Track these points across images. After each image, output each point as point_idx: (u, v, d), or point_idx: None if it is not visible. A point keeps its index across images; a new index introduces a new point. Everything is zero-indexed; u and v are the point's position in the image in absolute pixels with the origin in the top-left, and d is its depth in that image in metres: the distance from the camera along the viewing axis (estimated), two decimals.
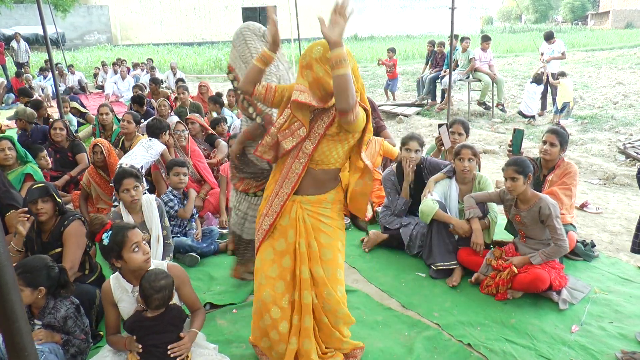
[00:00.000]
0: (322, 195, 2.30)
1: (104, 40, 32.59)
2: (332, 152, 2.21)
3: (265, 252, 2.36)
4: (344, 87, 1.92)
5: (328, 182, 2.31)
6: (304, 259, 2.26)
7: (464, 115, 9.46)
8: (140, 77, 13.99)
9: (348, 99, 1.93)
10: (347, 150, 2.26)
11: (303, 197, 2.29)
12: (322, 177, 2.28)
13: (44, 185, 3.04)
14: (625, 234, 4.21)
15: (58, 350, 2.37)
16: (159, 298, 2.30)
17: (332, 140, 2.18)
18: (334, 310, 2.32)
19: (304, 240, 2.27)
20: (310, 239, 2.27)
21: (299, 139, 2.18)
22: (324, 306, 2.31)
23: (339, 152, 2.22)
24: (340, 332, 2.40)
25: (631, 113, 9.03)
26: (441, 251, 3.50)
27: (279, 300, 2.30)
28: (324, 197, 2.31)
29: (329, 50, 1.93)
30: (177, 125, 4.86)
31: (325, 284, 2.27)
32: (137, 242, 2.37)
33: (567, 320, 2.93)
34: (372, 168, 4.69)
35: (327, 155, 2.21)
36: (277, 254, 2.33)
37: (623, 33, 29.44)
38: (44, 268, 2.39)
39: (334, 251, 2.30)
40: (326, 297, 2.29)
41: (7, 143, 4.17)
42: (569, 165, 3.61)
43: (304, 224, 2.27)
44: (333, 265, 2.29)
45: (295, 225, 2.28)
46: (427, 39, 13.13)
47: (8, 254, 1.09)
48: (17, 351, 1.12)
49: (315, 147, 2.19)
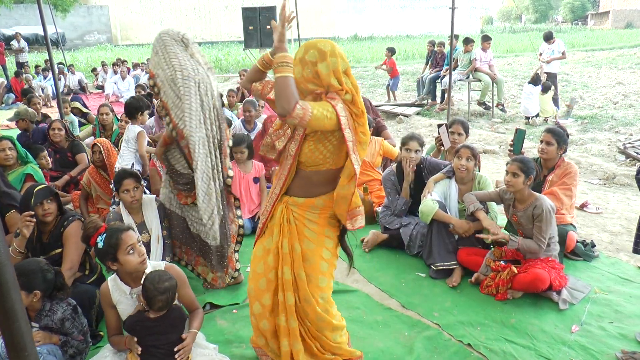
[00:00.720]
0: (311, 199, 2.25)
1: (104, 40, 32.61)
2: (315, 152, 2.17)
3: (257, 248, 2.42)
4: (279, 91, 1.96)
5: (320, 185, 2.25)
6: (285, 259, 2.27)
7: (464, 115, 9.46)
8: (141, 77, 14.00)
9: (282, 103, 1.93)
10: (333, 151, 2.18)
11: (291, 199, 2.28)
12: (314, 179, 2.24)
13: (46, 185, 3.06)
14: (625, 234, 4.21)
15: (57, 351, 2.37)
16: (163, 300, 2.31)
17: (313, 141, 2.16)
18: (312, 317, 2.29)
19: (287, 241, 2.27)
20: (294, 241, 2.26)
21: (287, 139, 2.22)
22: (302, 311, 2.30)
23: (323, 153, 2.17)
24: (328, 338, 2.34)
25: (631, 113, 9.03)
26: (441, 251, 3.50)
27: (260, 296, 2.34)
28: (312, 201, 2.25)
29: (304, 52, 2.10)
30: None
31: (304, 289, 2.26)
32: (131, 244, 2.37)
33: (567, 320, 2.93)
34: (371, 168, 4.72)
35: (312, 156, 2.18)
36: (264, 252, 2.35)
37: (623, 33, 29.45)
38: (39, 272, 2.38)
39: (315, 258, 2.26)
40: (303, 303, 2.28)
41: (8, 143, 4.17)
42: (569, 165, 3.61)
43: (288, 225, 2.27)
44: (314, 272, 2.26)
45: (280, 225, 2.29)
46: (427, 39, 13.14)
47: (8, 254, 1.09)
48: (17, 351, 1.12)
49: (298, 148, 2.18)
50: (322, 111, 2.01)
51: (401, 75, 12.86)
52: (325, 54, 2.07)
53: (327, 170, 2.23)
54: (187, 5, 34.28)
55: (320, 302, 2.28)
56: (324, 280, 2.29)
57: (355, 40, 32.29)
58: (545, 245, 3.10)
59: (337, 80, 2.08)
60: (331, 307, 2.34)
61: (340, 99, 2.09)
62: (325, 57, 2.07)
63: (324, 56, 2.07)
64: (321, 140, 2.15)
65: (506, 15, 61.54)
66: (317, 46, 2.08)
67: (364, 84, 14.65)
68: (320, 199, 2.26)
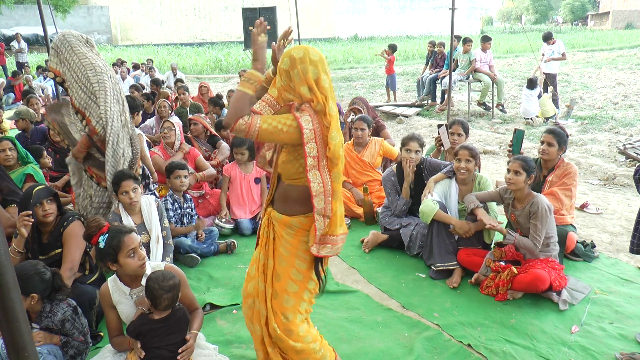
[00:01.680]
0: (287, 218, 2.14)
1: (104, 41, 32.64)
2: (288, 165, 2.09)
3: (255, 252, 2.39)
4: (230, 104, 2.00)
5: (297, 202, 2.13)
6: (260, 270, 2.24)
7: (464, 115, 9.46)
8: (141, 77, 14.00)
9: (227, 115, 1.98)
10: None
11: (273, 211, 2.23)
12: (291, 194, 2.14)
13: (46, 186, 3.06)
14: (625, 234, 4.21)
15: (57, 351, 2.37)
16: (168, 298, 2.31)
17: (286, 152, 2.11)
18: (273, 334, 2.20)
19: (263, 252, 2.23)
20: (269, 256, 2.21)
21: (272, 149, 2.26)
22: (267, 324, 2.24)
23: (295, 166, 2.07)
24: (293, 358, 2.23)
25: (631, 113, 9.04)
26: (441, 252, 3.50)
27: (245, 299, 2.33)
28: (288, 220, 2.14)
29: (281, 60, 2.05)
30: (163, 124, 4.85)
31: (269, 303, 2.19)
32: (133, 247, 2.37)
33: (567, 321, 2.93)
34: (371, 168, 4.72)
35: (286, 167, 2.11)
36: (255, 258, 2.34)
37: (623, 34, 29.49)
38: (35, 275, 2.37)
39: (284, 277, 2.16)
40: (268, 318, 2.21)
41: (8, 143, 4.18)
42: (569, 165, 3.61)
43: (267, 239, 2.23)
44: (280, 291, 2.17)
45: (262, 235, 2.28)
46: (427, 40, 13.15)
47: (8, 254, 1.09)
48: (17, 351, 1.12)
49: (277, 157, 2.17)
50: (276, 124, 1.95)
51: (401, 76, 12.90)
52: (296, 61, 1.99)
53: (303, 186, 2.08)
54: (187, 6, 34.31)
55: (282, 321, 2.16)
56: (290, 301, 2.17)
57: (355, 41, 32.33)
58: (540, 244, 3.11)
59: (309, 89, 1.99)
60: (297, 329, 2.17)
61: (312, 111, 1.99)
62: (295, 65, 1.99)
63: (295, 63, 1.99)
64: (292, 153, 2.07)
65: (506, 15, 61.62)
66: (290, 53, 2.01)
67: (364, 84, 14.67)
68: (295, 219, 2.13)
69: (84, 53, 3.24)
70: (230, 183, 4.58)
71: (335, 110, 2.04)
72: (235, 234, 4.38)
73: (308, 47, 2.05)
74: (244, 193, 4.56)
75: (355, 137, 4.79)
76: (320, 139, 2.00)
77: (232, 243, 4.04)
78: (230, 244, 4.02)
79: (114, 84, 3.35)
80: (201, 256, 3.85)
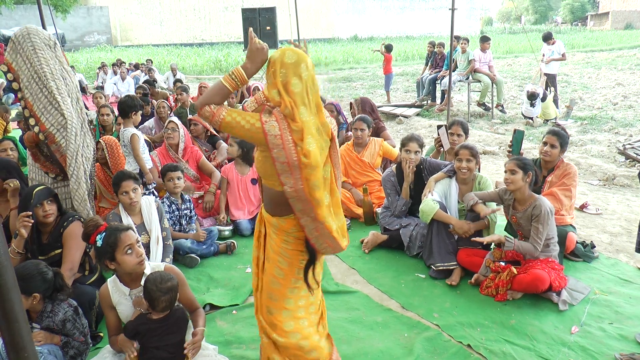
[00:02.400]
0: (271, 217, 2.17)
1: (104, 41, 32.65)
2: (260, 164, 2.09)
3: None
4: (207, 90, 2.07)
5: (273, 202, 2.14)
6: (255, 263, 2.36)
7: (464, 116, 9.46)
8: (140, 78, 14.01)
9: (200, 99, 2.03)
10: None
11: (264, 210, 2.26)
12: (268, 194, 2.16)
13: (46, 186, 3.05)
14: (625, 235, 4.21)
15: (57, 351, 2.37)
16: (166, 300, 2.32)
17: (259, 151, 2.10)
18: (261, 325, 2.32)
19: (256, 246, 2.33)
20: (260, 252, 2.31)
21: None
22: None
23: (267, 168, 2.05)
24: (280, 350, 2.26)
25: (631, 114, 9.04)
26: (441, 252, 3.50)
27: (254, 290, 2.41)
28: (271, 219, 2.17)
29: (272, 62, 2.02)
30: (168, 124, 4.85)
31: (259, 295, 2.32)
32: (130, 244, 2.37)
33: (567, 321, 2.93)
34: (371, 169, 4.72)
35: (261, 167, 2.10)
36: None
37: (622, 34, 29.50)
38: (37, 274, 2.38)
39: (268, 273, 2.25)
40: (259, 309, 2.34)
41: (10, 144, 4.18)
42: (569, 166, 3.61)
43: (259, 232, 2.31)
44: (266, 285, 2.26)
45: (256, 230, 2.35)
46: (427, 40, 13.14)
47: (8, 255, 1.09)
48: (17, 351, 1.12)
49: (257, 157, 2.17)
50: (240, 120, 1.95)
51: (401, 76, 12.89)
52: (270, 62, 2.00)
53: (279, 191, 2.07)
54: (187, 6, 34.31)
55: (266, 314, 2.26)
56: (273, 296, 2.23)
57: (355, 41, 32.33)
58: (541, 248, 3.11)
59: (278, 92, 1.97)
60: (281, 324, 2.21)
61: (281, 115, 1.96)
62: (270, 66, 2.00)
63: (269, 65, 2.00)
64: (263, 153, 2.05)
65: (506, 16, 61.65)
66: (272, 54, 2.00)
67: (364, 85, 14.67)
68: (276, 219, 2.15)
69: (47, 59, 3.23)
70: (228, 184, 4.58)
71: (307, 116, 1.97)
72: (235, 234, 4.38)
73: (288, 49, 2.01)
74: (241, 194, 4.56)
75: (355, 138, 4.80)
76: (289, 144, 1.94)
77: (232, 244, 4.04)
78: (230, 245, 4.02)
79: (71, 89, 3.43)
80: (201, 257, 3.85)
